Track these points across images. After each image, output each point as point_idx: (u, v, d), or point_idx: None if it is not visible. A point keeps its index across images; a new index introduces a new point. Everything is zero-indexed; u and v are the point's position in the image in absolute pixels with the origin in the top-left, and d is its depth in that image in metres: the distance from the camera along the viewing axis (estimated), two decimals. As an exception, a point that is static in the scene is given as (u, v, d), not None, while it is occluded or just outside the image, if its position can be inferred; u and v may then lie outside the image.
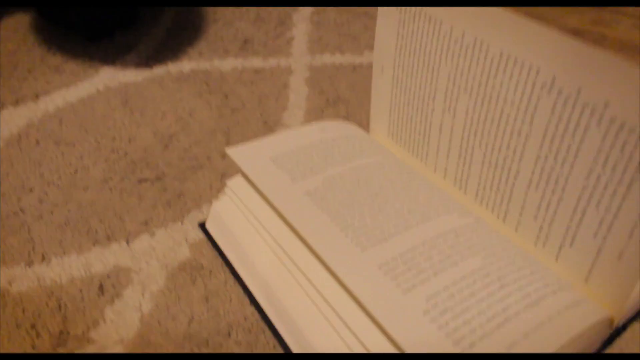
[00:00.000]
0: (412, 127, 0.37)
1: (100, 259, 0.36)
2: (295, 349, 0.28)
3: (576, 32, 0.62)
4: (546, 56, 0.26)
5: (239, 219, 0.35)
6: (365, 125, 0.49)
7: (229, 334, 0.31)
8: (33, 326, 0.31)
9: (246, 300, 0.33)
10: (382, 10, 0.36)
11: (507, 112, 0.29)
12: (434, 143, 0.36)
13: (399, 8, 0.34)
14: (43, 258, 0.36)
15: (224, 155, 0.45)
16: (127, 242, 0.37)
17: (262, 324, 0.31)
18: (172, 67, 0.57)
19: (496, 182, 0.31)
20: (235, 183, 0.37)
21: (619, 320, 0.28)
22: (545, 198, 0.28)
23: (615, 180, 0.24)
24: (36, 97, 0.52)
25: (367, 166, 0.35)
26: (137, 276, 0.35)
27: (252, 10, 0.68)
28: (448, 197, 0.33)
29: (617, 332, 0.30)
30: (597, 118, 0.24)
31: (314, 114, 0.51)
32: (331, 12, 0.68)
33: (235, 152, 0.36)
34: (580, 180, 0.26)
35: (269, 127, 0.49)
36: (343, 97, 0.53)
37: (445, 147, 0.35)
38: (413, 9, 0.33)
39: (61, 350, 0.30)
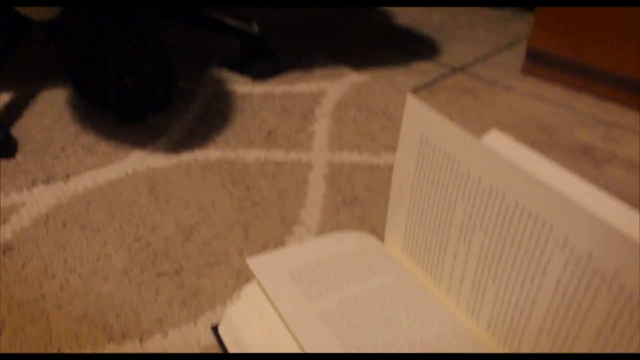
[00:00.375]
0: (426, 248, 0.39)
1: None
2: None
3: (586, 148, 0.64)
4: (560, 216, 0.27)
5: (252, 329, 0.36)
6: (379, 229, 0.50)
7: None
8: None
9: (254, 418, 0.33)
10: (403, 137, 0.38)
11: (521, 258, 0.30)
12: (448, 268, 0.37)
13: (419, 141, 0.37)
14: (58, 352, 0.36)
15: (241, 252, 0.47)
16: (141, 341, 0.38)
17: None
18: (199, 155, 0.60)
19: (508, 319, 0.32)
20: (251, 290, 0.38)
21: None
22: (556, 345, 0.29)
23: (622, 345, 0.25)
24: (67, 176, 0.55)
25: (382, 287, 0.36)
26: (148, 380, 0.35)
27: (278, 102, 0.72)
28: (461, 327, 0.34)
29: None
30: (607, 284, 0.25)
31: (330, 214, 0.52)
32: (351, 109, 0.71)
33: (255, 264, 0.37)
34: (589, 337, 0.27)
35: (286, 224, 0.51)
36: (359, 198, 0.55)
37: (459, 274, 0.36)
38: (433, 144, 0.35)
39: None
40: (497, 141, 0.43)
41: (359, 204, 0.54)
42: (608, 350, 0.26)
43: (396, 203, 0.41)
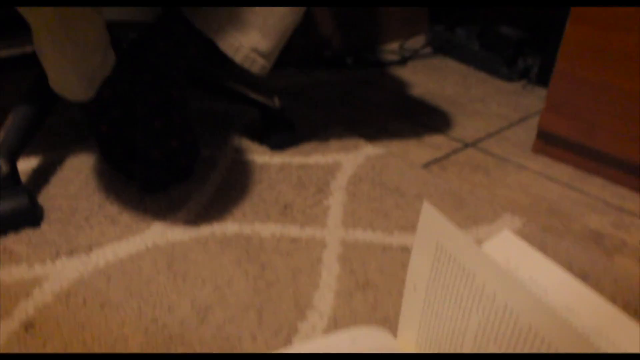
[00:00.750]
0: (440, 351, 0.39)
1: None
2: None
3: (597, 235, 0.65)
4: (573, 349, 0.28)
5: None
6: (392, 317, 0.51)
7: None
8: None
9: None
10: (419, 239, 0.40)
11: (534, 381, 0.31)
12: (461, 374, 0.37)
13: (435, 246, 0.38)
14: None
15: (255, 338, 0.47)
16: None
17: None
18: (217, 228, 0.62)
19: None
20: (266, 386, 0.38)
21: None
22: None
23: None
24: (89, 248, 0.56)
25: (395, 393, 0.36)
26: None
27: (294, 174, 0.74)
28: None
29: None
30: None
31: (343, 298, 0.53)
32: (365, 184, 0.73)
33: (272, 362, 0.38)
34: None
35: (299, 309, 0.51)
36: (372, 281, 0.56)
37: (471, 383, 0.36)
38: (448, 254, 0.37)
39: None
40: (508, 243, 0.44)
41: (372, 289, 0.55)
42: None
43: (410, 301, 0.42)
